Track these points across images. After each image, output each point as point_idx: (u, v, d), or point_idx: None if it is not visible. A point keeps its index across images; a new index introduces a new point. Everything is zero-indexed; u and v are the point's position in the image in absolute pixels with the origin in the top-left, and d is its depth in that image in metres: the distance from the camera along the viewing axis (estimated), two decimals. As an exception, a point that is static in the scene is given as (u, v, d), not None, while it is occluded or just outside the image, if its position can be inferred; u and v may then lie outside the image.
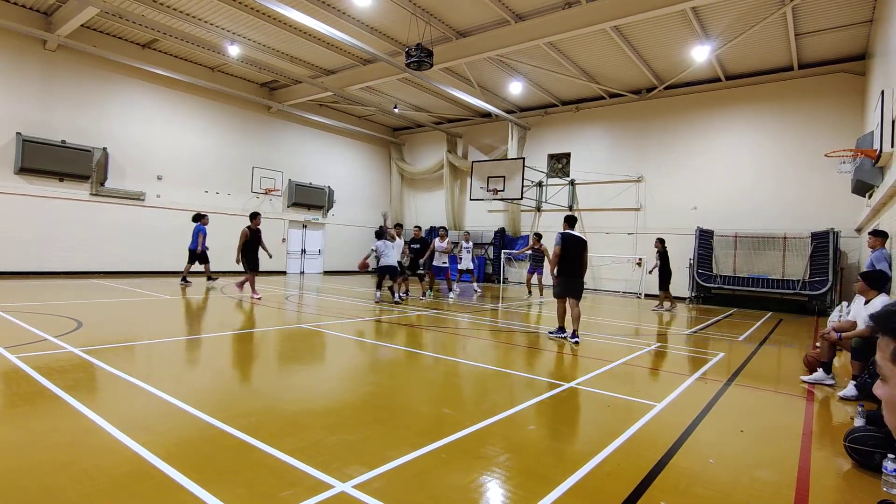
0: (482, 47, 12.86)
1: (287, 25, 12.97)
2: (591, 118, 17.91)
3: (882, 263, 6.57)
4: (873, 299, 4.95)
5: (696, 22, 11.48)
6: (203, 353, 5.57)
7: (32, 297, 9.22)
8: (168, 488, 2.40)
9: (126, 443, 2.89)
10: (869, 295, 5.03)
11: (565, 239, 7.22)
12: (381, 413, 3.71)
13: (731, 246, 14.31)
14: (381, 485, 2.53)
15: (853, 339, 4.89)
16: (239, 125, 17.90)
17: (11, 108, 12.84)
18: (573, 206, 18.07)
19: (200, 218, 12.79)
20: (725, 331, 9.09)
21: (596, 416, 3.93)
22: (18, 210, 12.93)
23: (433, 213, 22.13)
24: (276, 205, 19.12)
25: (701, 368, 5.73)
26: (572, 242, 7.22)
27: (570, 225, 7.50)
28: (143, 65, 14.58)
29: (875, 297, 4.96)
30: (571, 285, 7.23)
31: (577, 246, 7.23)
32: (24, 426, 3.10)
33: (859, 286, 5.12)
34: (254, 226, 10.42)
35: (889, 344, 1.04)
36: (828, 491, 2.79)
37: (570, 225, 7.50)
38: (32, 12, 12.78)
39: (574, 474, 2.76)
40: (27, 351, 4.97)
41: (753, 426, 3.80)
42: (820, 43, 12.50)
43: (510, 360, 5.90)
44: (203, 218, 12.82)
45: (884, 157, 7.11)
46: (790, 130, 14.07)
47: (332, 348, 6.19)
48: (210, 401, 3.79)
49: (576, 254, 7.21)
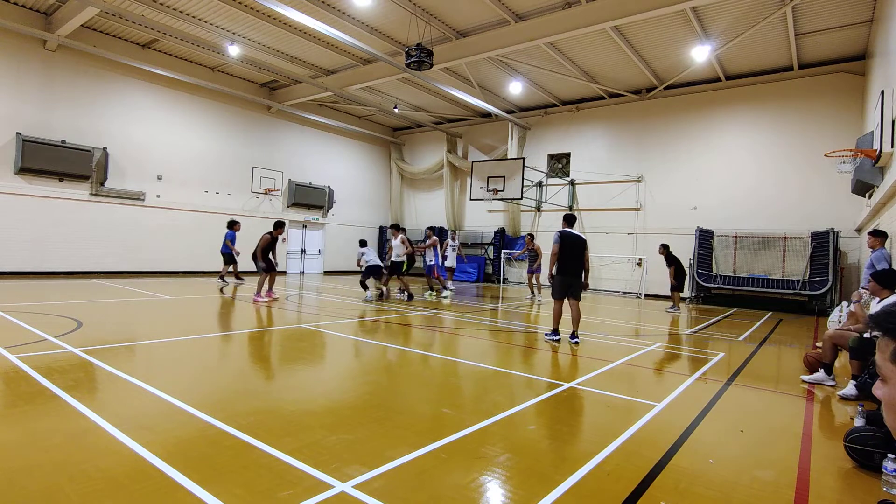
0: (482, 47, 12.87)
1: (287, 25, 12.97)
2: (591, 118, 17.91)
3: (882, 263, 6.57)
4: (885, 299, 4.89)
5: (696, 22, 11.48)
6: (203, 353, 5.57)
7: (32, 297, 9.22)
8: (167, 488, 2.40)
9: (126, 443, 2.89)
10: (882, 294, 4.94)
11: (563, 237, 7.11)
12: (380, 413, 3.70)
13: (731, 246, 14.32)
14: (381, 485, 2.53)
15: (850, 339, 4.87)
16: (239, 125, 17.90)
17: (11, 108, 12.85)
18: (573, 206, 18.08)
19: (233, 224, 13.34)
20: (725, 331, 9.09)
21: (596, 416, 3.93)
22: (18, 210, 12.93)
23: (433, 213, 22.14)
24: (276, 205, 19.12)
25: (701, 368, 5.73)
26: (570, 241, 7.11)
27: (570, 224, 7.39)
28: (143, 65, 14.58)
29: (888, 296, 4.89)
30: (571, 285, 7.16)
31: (577, 245, 7.13)
32: (24, 426, 3.09)
33: (871, 286, 5.04)
34: (276, 234, 10.83)
35: (889, 344, 1.04)
36: (828, 491, 2.78)
37: (570, 224, 7.39)
38: (32, 12, 12.78)
39: (574, 474, 2.76)
40: (27, 351, 4.97)
41: (753, 426, 3.80)
42: (820, 43, 12.50)
43: (510, 359, 5.90)
44: (235, 224, 13.37)
45: (884, 157, 7.11)
46: (790, 130, 14.08)
47: (332, 348, 6.19)
48: (210, 400, 3.79)
49: (576, 253, 7.10)
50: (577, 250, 7.13)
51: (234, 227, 13.30)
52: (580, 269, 7.16)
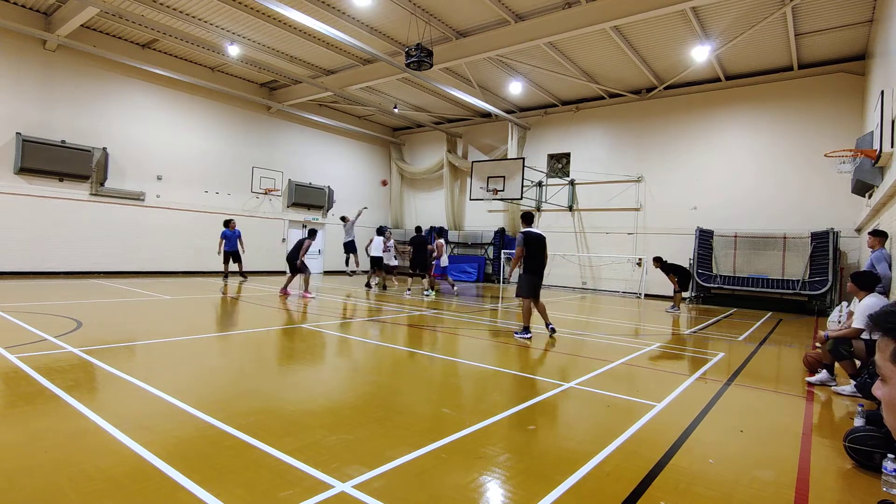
0: (482, 47, 12.86)
1: (287, 25, 12.97)
2: (590, 118, 17.91)
3: (882, 264, 6.57)
4: (863, 299, 4.99)
5: (696, 22, 11.48)
6: (203, 353, 5.57)
7: (32, 297, 9.22)
8: (167, 488, 2.40)
9: (125, 443, 2.89)
10: (860, 295, 5.09)
11: (529, 237, 7.17)
12: (380, 413, 3.70)
13: (731, 246, 14.32)
14: (381, 485, 2.53)
15: (827, 343, 4.95)
16: (239, 125, 17.90)
17: (11, 108, 12.84)
18: (573, 206, 18.07)
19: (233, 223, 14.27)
20: (725, 331, 9.09)
21: (596, 416, 3.93)
22: (18, 210, 12.93)
23: (433, 214, 22.13)
24: (276, 205, 19.12)
25: (701, 368, 5.73)
26: (536, 240, 7.19)
27: (530, 222, 7.45)
28: (143, 65, 14.58)
29: (865, 297, 4.99)
30: (538, 284, 7.27)
31: (542, 243, 7.28)
32: (24, 426, 3.09)
33: (850, 287, 5.18)
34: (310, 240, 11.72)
35: (889, 344, 1.03)
36: (828, 491, 2.78)
37: (530, 222, 7.45)
38: (32, 12, 12.78)
39: (574, 474, 2.76)
40: (27, 351, 4.97)
41: (753, 426, 3.80)
42: (820, 43, 12.50)
43: (510, 359, 5.90)
44: (233, 223, 14.28)
45: (883, 157, 7.11)
46: (790, 130, 14.08)
47: (332, 348, 6.19)
48: (209, 400, 3.79)
49: (542, 251, 7.26)
50: (543, 249, 7.27)
51: (229, 225, 14.11)
52: (544, 266, 7.38)
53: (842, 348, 4.85)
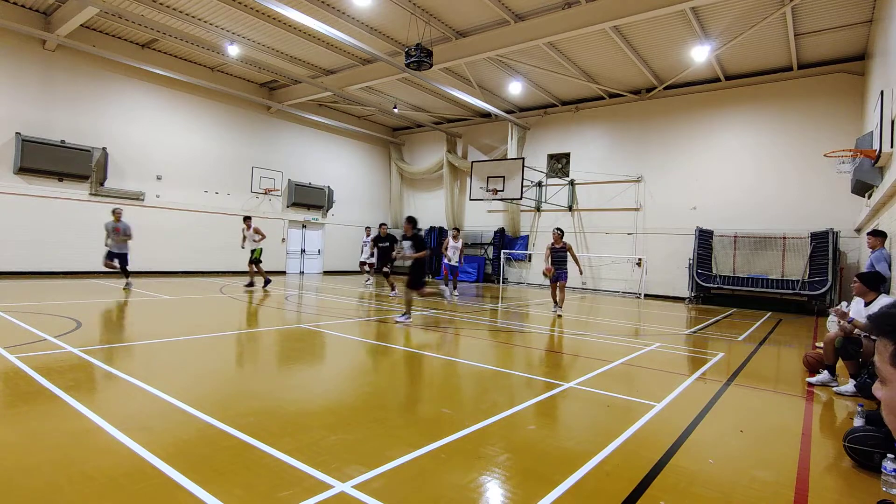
0: (482, 47, 12.86)
1: (287, 25, 12.96)
2: (590, 118, 17.91)
3: (881, 264, 6.58)
4: (874, 300, 4.93)
5: (696, 22, 11.48)
6: (202, 353, 5.57)
7: (32, 297, 9.22)
8: (167, 488, 2.40)
9: (125, 443, 2.89)
10: (868, 297, 5.00)
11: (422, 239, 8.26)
12: (380, 413, 3.70)
13: (731, 246, 14.32)
14: (381, 485, 2.53)
15: (836, 339, 4.91)
16: (239, 125, 17.90)
17: (11, 108, 12.84)
18: (573, 207, 18.08)
19: None
20: (725, 331, 9.09)
21: (596, 416, 3.92)
22: (18, 210, 12.92)
23: (433, 213, 22.14)
24: (276, 205, 19.11)
25: (701, 368, 5.73)
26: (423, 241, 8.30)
27: (414, 225, 8.38)
28: (143, 65, 14.57)
29: (875, 298, 4.93)
30: None
31: None
32: (24, 426, 3.09)
33: (857, 287, 5.09)
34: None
35: (888, 346, 1.03)
36: (827, 491, 2.78)
37: (414, 225, 8.38)
38: (32, 12, 12.77)
39: (574, 474, 2.76)
40: (27, 351, 4.97)
41: (753, 426, 3.80)
42: (819, 43, 12.51)
43: (510, 359, 5.89)
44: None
45: (883, 157, 7.11)
46: (790, 130, 14.08)
47: (332, 348, 6.19)
48: (209, 401, 3.79)
49: None
50: None
51: None
52: None
53: (850, 348, 4.81)
